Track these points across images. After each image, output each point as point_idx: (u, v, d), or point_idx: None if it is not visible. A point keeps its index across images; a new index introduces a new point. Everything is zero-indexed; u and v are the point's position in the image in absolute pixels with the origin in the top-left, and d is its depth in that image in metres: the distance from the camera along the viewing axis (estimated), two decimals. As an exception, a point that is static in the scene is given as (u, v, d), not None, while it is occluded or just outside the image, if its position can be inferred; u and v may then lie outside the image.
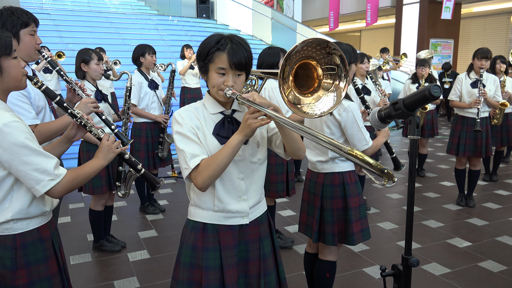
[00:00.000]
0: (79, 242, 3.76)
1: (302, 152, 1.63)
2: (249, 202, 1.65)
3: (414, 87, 5.65)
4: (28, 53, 2.16)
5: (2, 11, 2.08)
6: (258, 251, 1.68)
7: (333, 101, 1.40)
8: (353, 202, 2.40)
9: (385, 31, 18.02)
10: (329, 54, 1.38)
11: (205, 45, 1.56)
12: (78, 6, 13.02)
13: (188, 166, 1.51)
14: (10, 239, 1.56)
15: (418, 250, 3.58)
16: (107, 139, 1.73)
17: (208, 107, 1.62)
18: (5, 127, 1.45)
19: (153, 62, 4.19)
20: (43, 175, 1.50)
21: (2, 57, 1.52)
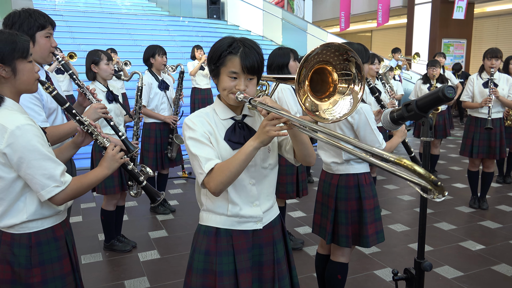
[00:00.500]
0: (91, 241, 3.78)
1: (312, 158, 1.60)
2: (262, 207, 1.63)
3: (425, 87, 5.60)
4: (42, 55, 2.18)
5: (20, 12, 2.10)
6: (272, 255, 1.66)
7: (350, 104, 1.37)
8: (368, 204, 2.38)
9: (396, 31, 17.88)
10: (346, 61, 1.37)
11: (216, 48, 1.54)
12: (90, 7, 13.15)
13: (203, 171, 1.48)
14: (25, 238, 1.57)
15: (430, 252, 3.54)
16: (112, 149, 1.74)
17: (218, 113, 1.60)
18: (17, 130, 1.47)
19: (163, 63, 4.20)
20: (49, 180, 1.51)
21: (18, 60, 1.54)
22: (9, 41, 1.52)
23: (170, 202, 4.78)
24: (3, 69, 1.51)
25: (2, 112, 1.51)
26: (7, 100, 1.54)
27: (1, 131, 1.47)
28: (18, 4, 8.61)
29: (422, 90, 5.64)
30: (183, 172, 5.88)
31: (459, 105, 10.68)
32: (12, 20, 2.09)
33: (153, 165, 4.24)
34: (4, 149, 1.47)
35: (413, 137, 7.19)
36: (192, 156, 1.53)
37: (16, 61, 1.53)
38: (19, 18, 2.08)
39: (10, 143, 1.46)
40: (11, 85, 1.56)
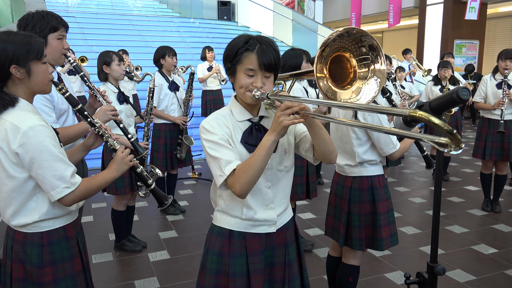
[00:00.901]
0: (101, 241, 3.81)
1: (334, 156, 1.57)
2: (277, 210, 1.62)
3: (437, 89, 5.54)
4: (54, 57, 2.19)
5: (34, 14, 2.12)
6: (283, 257, 1.66)
7: (377, 85, 1.34)
8: (382, 206, 2.36)
9: (408, 32, 17.74)
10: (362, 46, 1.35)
11: (232, 46, 1.53)
12: (102, 9, 13.26)
13: (223, 173, 1.45)
14: (37, 237, 1.59)
15: (442, 256, 3.50)
16: (122, 151, 1.74)
17: (235, 114, 1.58)
18: (30, 131, 1.48)
19: (173, 64, 4.22)
20: (59, 181, 1.52)
21: (32, 61, 1.55)
22: (24, 42, 1.53)
23: (180, 202, 4.79)
24: (18, 70, 1.53)
25: (16, 112, 1.52)
26: (21, 101, 1.56)
27: (14, 131, 1.48)
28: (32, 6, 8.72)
29: (433, 91, 5.58)
30: (193, 173, 5.89)
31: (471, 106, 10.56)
32: (26, 22, 2.10)
33: (162, 166, 4.25)
34: (16, 149, 1.48)
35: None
36: (211, 158, 1.51)
37: (30, 62, 1.54)
38: (32, 20, 2.10)
39: (22, 143, 1.48)
40: (26, 86, 1.57)
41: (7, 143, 1.49)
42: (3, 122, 1.51)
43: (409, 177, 6.02)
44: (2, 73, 1.52)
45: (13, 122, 1.49)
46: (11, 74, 1.52)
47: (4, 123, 1.50)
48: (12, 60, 1.50)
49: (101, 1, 14.22)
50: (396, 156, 2.36)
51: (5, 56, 1.50)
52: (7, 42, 1.51)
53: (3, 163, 1.52)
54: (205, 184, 5.64)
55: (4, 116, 1.51)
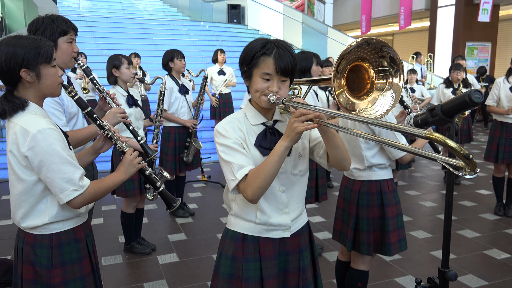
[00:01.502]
0: (111, 243, 3.82)
1: (347, 163, 1.56)
2: (291, 215, 1.61)
3: (449, 91, 5.48)
4: (64, 61, 2.21)
5: (44, 18, 2.14)
6: (297, 262, 1.64)
7: (392, 98, 1.33)
8: (391, 211, 2.33)
9: (418, 34, 17.62)
10: (382, 57, 1.33)
11: (249, 50, 1.52)
12: (113, 13, 13.39)
13: (235, 178, 1.45)
14: (47, 239, 1.60)
15: (453, 260, 3.45)
16: (130, 154, 1.75)
17: (249, 118, 1.58)
18: (39, 134, 1.49)
19: (182, 66, 4.24)
20: (68, 184, 1.53)
21: (42, 65, 1.56)
22: (34, 46, 1.55)
23: (189, 205, 4.80)
24: (28, 74, 1.54)
25: (26, 116, 1.54)
26: (31, 105, 1.57)
27: (23, 135, 1.50)
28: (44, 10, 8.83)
29: (445, 94, 5.52)
30: (203, 175, 5.90)
31: (483, 109, 10.44)
32: (36, 26, 2.13)
33: (171, 169, 4.27)
34: (26, 152, 1.50)
35: (436, 142, 7.04)
36: (224, 162, 1.51)
37: (40, 66, 1.56)
38: (42, 24, 2.12)
39: (31, 146, 1.49)
40: (35, 89, 1.58)
41: (17, 147, 1.51)
42: (13, 125, 1.53)
43: (420, 180, 5.96)
44: (13, 77, 1.54)
45: (23, 125, 1.50)
46: (21, 78, 1.54)
47: (14, 127, 1.52)
48: (22, 64, 1.52)
49: (112, 5, 14.36)
50: (407, 160, 2.33)
51: (15, 60, 1.51)
52: (17, 46, 1.53)
53: (13, 166, 1.54)
54: (214, 187, 5.65)
55: (14, 120, 1.53)
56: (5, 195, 5.22)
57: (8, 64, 1.51)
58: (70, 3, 13.61)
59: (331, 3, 16.64)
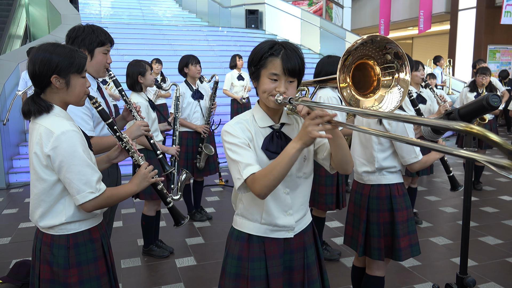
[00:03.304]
0: (130, 246, 3.87)
1: (350, 166, 1.57)
2: (295, 216, 1.63)
3: (472, 96, 5.36)
4: (97, 70, 2.32)
5: (85, 27, 2.27)
6: (302, 260, 1.66)
7: (400, 94, 1.31)
8: (401, 216, 2.30)
9: (438, 38, 17.39)
10: (387, 54, 1.32)
11: (258, 51, 1.54)
12: (134, 20, 13.61)
13: (241, 176, 1.47)
14: (63, 239, 1.65)
15: (474, 268, 3.38)
16: (145, 168, 1.80)
17: (257, 120, 1.59)
18: (62, 135, 1.55)
19: (197, 72, 4.27)
20: (85, 186, 1.58)
21: (73, 74, 1.64)
22: (69, 56, 1.63)
23: (207, 209, 4.83)
24: (58, 80, 1.62)
25: (51, 118, 1.61)
26: (56, 108, 1.64)
27: (47, 135, 1.56)
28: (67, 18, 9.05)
29: (468, 98, 5.41)
30: (220, 179, 5.93)
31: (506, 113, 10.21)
32: (76, 33, 2.25)
33: None
34: (48, 151, 1.56)
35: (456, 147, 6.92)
36: (231, 161, 1.53)
37: (71, 75, 1.63)
38: (82, 32, 2.25)
39: (54, 146, 1.55)
40: (62, 95, 1.66)
41: (41, 147, 1.57)
42: (38, 127, 1.59)
43: (439, 186, 5.86)
44: (43, 81, 1.61)
45: (47, 126, 1.57)
46: (51, 83, 1.62)
47: (39, 128, 1.59)
48: (54, 70, 1.60)
49: (133, 12, 14.61)
50: (416, 168, 2.29)
51: (49, 66, 1.59)
52: (53, 54, 1.61)
53: (35, 166, 1.60)
54: (232, 191, 5.65)
55: (39, 121, 1.60)
56: (28, 198, 5.34)
57: (41, 69, 1.59)
58: (91, 10, 13.91)
59: (349, 7, 16.58)
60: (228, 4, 15.14)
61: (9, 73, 6.58)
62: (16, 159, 6.45)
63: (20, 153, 6.69)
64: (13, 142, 6.51)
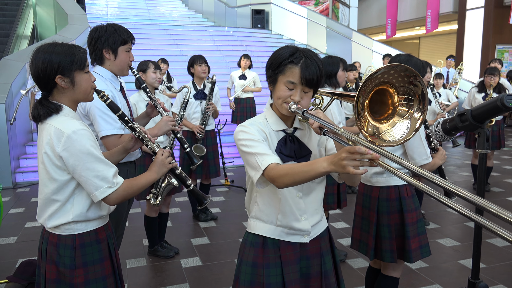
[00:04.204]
0: (135, 246, 3.87)
1: (357, 179, 1.58)
2: (310, 220, 1.61)
3: (480, 96, 5.30)
4: (121, 68, 2.34)
5: (107, 27, 2.28)
6: (319, 267, 1.63)
7: (406, 129, 1.28)
8: (410, 217, 2.28)
9: (446, 37, 17.27)
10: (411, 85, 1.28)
11: (278, 56, 1.53)
12: (140, 20, 13.64)
13: (260, 167, 1.43)
14: (70, 239, 1.65)
15: (483, 270, 3.34)
16: (162, 154, 1.78)
17: (270, 123, 1.59)
18: (73, 134, 1.56)
19: (202, 71, 4.26)
20: (102, 182, 1.58)
21: (76, 71, 1.63)
22: (68, 53, 1.62)
23: (212, 209, 4.81)
24: (63, 80, 1.61)
25: (60, 118, 1.61)
26: (65, 108, 1.64)
27: (58, 136, 1.56)
28: (74, 18, 9.09)
29: (476, 99, 5.35)
30: (226, 180, 5.92)
31: (514, 114, 10.11)
32: (99, 33, 2.26)
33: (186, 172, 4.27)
34: (61, 152, 1.56)
35: (464, 148, 6.86)
36: (246, 155, 1.49)
37: (74, 72, 1.63)
38: (105, 32, 2.26)
39: (66, 146, 1.55)
40: (70, 94, 1.65)
41: (51, 147, 1.57)
42: (48, 127, 1.59)
43: (447, 187, 5.80)
44: (48, 83, 1.61)
45: (57, 126, 1.57)
46: (57, 84, 1.61)
47: (49, 128, 1.59)
48: (57, 70, 1.59)
49: (139, 12, 14.63)
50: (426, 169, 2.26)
51: (51, 67, 1.58)
52: (53, 53, 1.60)
53: (47, 166, 1.60)
54: (238, 192, 5.65)
55: (49, 121, 1.60)
56: (34, 198, 5.37)
57: (44, 71, 1.59)
58: (98, 10, 13.96)
59: (356, 7, 16.50)
60: (234, 4, 15.13)
61: (16, 73, 6.61)
62: (23, 158, 6.48)
63: (27, 153, 6.72)
64: (20, 141, 6.54)
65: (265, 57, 11.64)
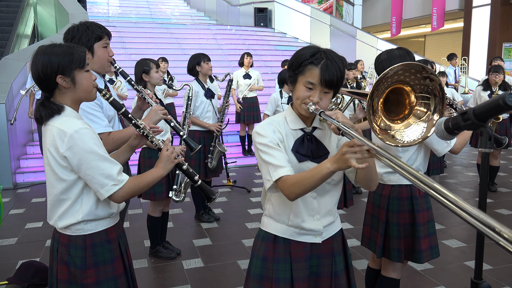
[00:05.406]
0: (137, 247, 3.88)
1: (374, 184, 1.57)
2: (322, 221, 1.63)
3: (486, 94, 5.31)
4: (101, 65, 2.32)
5: (79, 26, 2.25)
6: (330, 267, 1.65)
7: (421, 133, 1.28)
8: (422, 217, 2.28)
9: (452, 35, 17.22)
10: (428, 79, 1.28)
11: (299, 56, 1.55)
12: (142, 18, 13.69)
13: (271, 178, 1.50)
14: (80, 239, 1.67)
15: (489, 271, 3.33)
16: (167, 150, 1.80)
17: (289, 122, 1.61)
18: (76, 134, 1.57)
19: (209, 69, 4.28)
20: (107, 179, 1.60)
21: (76, 70, 1.65)
22: (67, 53, 1.64)
23: (214, 210, 4.82)
24: (64, 80, 1.63)
25: (62, 118, 1.63)
26: (67, 109, 1.66)
27: (61, 136, 1.58)
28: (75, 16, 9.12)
29: (482, 97, 5.35)
30: (228, 180, 5.93)
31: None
32: (72, 34, 2.24)
33: None
34: (64, 152, 1.57)
35: (470, 147, 6.84)
36: (262, 162, 1.56)
37: (74, 71, 1.64)
38: (77, 31, 2.23)
39: (70, 146, 1.57)
40: (72, 94, 1.67)
41: (55, 148, 1.59)
42: (51, 128, 1.61)
43: (453, 187, 5.79)
44: (50, 84, 1.63)
45: (60, 127, 1.59)
46: (58, 84, 1.63)
47: (51, 129, 1.61)
48: (57, 70, 1.61)
49: (141, 10, 14.70)
50: (457, 150, 2.27)
51: (51, 68, 1.60)
52: (52, 54, 1.62)
53: (53, 167, 1.62)
54: (240, 192, 5.66)
55: (51, 123, 1.62)
56: (36, 198, 5.39)
57: (44, 72, 1.60)
58: (99, 9, 14.02)
59: (360, 4, 16.49)
60: (236, 2, 15.16)
61: (16, 72, 6.65)
62: (23, 159, 6.51)
63: (28, 153, 6.75)
64: (21, 142, 6.57)
65: (267, 55, 11.65)
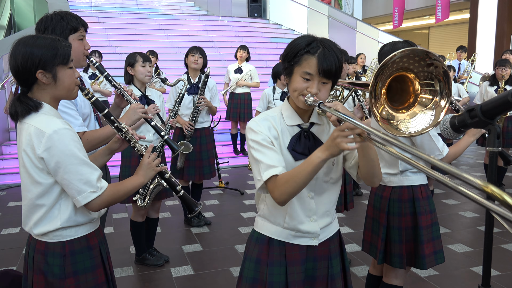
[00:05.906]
0: (122, 254, 3.86)
1: (377, 179, 1.58)
2: (320, 223, 1.63)
3: (492, 89, 5.35)
4: (76, 59, 2.22)
5: (52, 16, 2.17)
6: (326, 270, 1.66)
7: (430, 121, 1.29)
8: (424, 220, 2.28)
9: (457, 27, 17.30)
10: (431, 66, 1.29)
11: (293, 46, 1.55)
12: (127, 8, 13.61)
13: (261, 178, 1.49)
14: (59, 246, 1.64)
15: (496, 278, 3.36)
16: (148, 157, 1.78)
17: (285, 118, 1.61)
18: (55, 134, 1.54)
19: (192, 62, 4.27)
20: (85, 186, 1.57)
21: (59, 66, 1.61)
22: (51, 47, 1.60)
23: (205, 214, 4.81)
24: (44, 75, 1.59)
25: (40, 117, 1.59)
26: (45, 106, 1.62)
27: (38, 136, 1.54)
28: (54, 6, 9.06)
29: (488, 92, 5.39)
30: (220, 181, 5.92)
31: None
32: (45, 24, 2.16)
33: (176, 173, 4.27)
34: (41, 153, 1.54)
35: (477, 146, 6.88)
36: (253, 160, 1.55)
37: (57, 67, 1.61)
38: (51, 21, 2.15)
39: (47, 147, 1.53)
40: (51, 91, 1.64)
41: (32, 148, 1.55)
42: (27, 126, 1.57)
43: (459, 188, 5.82)
44: (28, 78, 1.59)
45: (37, 126, 1.55)
46: (37, 79, 1.59)
47: (28, 128, 1.57)
48: (38, 65, 1.57)
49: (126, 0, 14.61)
50: (449, 161, 2.27)
51: (32, 61, 1.56)
52: (34, 46, 1.58)
53: (28, 169, 1.58)
54: (233, 194, 5.65)
55: (28, 121, 1.58)
56: (12, 202, 5.35)
57: (24, 65, 1.56)
58: (81, -2, 13.92)
59: (360, -6, 16.53)
60: (229, -8, 15.14)
61: (-9, 66, 6.59)
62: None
63: (4, 153, 6.69)
64: (-4, 141, 6.52)
65: (262, 48, 11.64)
